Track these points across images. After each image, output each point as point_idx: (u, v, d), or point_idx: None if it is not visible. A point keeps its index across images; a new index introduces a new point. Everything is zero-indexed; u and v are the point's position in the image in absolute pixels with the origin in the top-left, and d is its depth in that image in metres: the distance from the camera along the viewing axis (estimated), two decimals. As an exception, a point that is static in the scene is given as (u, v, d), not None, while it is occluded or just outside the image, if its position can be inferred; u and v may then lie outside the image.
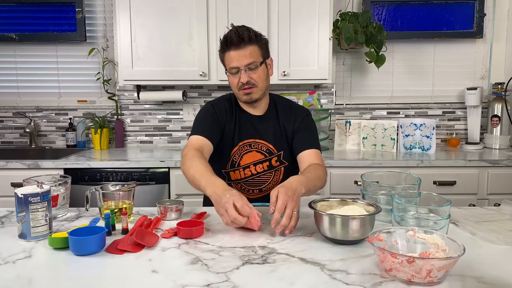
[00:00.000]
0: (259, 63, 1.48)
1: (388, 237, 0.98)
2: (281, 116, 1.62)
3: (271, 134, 1.59)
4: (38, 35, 2.87)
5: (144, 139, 2.98)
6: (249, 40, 1.45)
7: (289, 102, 1.68)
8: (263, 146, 1.58)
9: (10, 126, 2.99)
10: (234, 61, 1.46)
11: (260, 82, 1.50)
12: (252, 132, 1.59)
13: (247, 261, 1.00)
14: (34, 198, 1.12)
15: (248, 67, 1.46)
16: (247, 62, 1.45)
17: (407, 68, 2.93)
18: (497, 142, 2.75)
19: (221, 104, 1.60)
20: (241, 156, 1.58)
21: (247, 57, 1.45)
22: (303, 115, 1.63)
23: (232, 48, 1.45)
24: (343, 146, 2.84)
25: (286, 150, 1.60)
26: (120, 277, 0.92)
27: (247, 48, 1.45)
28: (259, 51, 1.48)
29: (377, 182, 1.37)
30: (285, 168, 1.61)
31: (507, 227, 1.23)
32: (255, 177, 1.60)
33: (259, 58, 1.48)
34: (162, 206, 1.32)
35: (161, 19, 2.51)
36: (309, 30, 2.49)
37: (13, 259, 1.01)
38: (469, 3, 2.82)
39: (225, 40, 1.46)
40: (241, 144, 1.58)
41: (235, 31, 1.44)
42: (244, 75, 1.46)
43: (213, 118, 1.56)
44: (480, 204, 2.26)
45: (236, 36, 1.43)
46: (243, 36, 1.43)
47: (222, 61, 1.53)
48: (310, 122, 1.64)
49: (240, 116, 1.60)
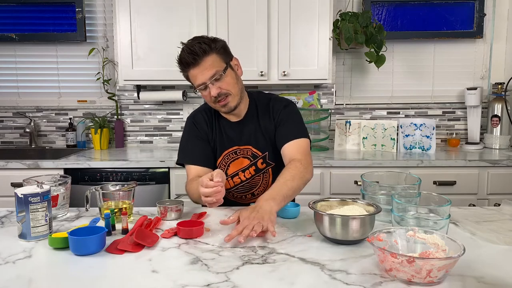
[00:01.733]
0: (223, 70, 1.40)
1: (388, 237, 0.98)
2: (261, 116, 1.56)
3: (253, 138, 1.55)
4: (38, 35, 2.87)
5: (144, 139, 2.98)
6: (203, 52, 1.37)
7: (268, 97, 1.60)
8: (248, 151, 1.55)
9: (10, 126, 2.99)
10: (198, 78, 1.40)
11: (232, 88, 1.44)
12: (234, 139, 1.55)
13: (247, 261, 1.00)
14: (34, 198, 1.12)
15: (214, 78, 1.39)
16: (210, 75, 1.39)
17: (407, 68, 2.93)
18: (497, 142, 2.75)
19: (200, 116, 1.58)
20: (227, 165, 1.56)
21: (208, 69, 1.38)
22: (280, 108, 1.55)
23: (191, 67, 1.39)
24: (343, 146, 2.84)
25: (270, 151, 1.56)
26: (120, 277, 0.92)
27: (204, 60, 1.38)
28: (218, 57, 1.41)
29: (377, 182, 1.37)
30: (273, 169, 1.58)
31: (507, 227, 1.23)
32: (244, 183, 1.58)
33: (221, 65, 1.41)
34: (162, 206, 1.32)
35: (161, 19, 2.51)
36: (309, 30, 2.49)
37: (13, 259, 1.01)
38: (469, 3, 2.82)
39: (180, 61, 1.41)
40: (226, 154, 1.56)
41: (187, 49, 1.38)
42: (212, 88, 1.40)
43: (199, 138, 1.55)
44: (480, 204, 2.25)
45: (189, 55, 1.37)
46: (196, 52, 1.37)
47: (188, 80, 1.47)
48: (289, 112, 1.54)
49: (220, 126, 1.57)
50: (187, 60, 1.39)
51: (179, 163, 1.60)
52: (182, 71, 1.45)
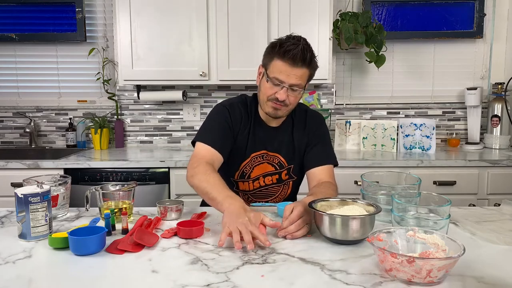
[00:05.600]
0: (303, 87, 1.40)
1: (388, 237, 0.98)
2: (296, 128, 1.55)
3: (284, 148, 1.53)
4: (38, 35, 2.87)
5: (144, 139, 2.98)
6: (308, 63, 1.36)
7: (304, 108, 1.60)
8: (275, 158, 1.53)
9: (10, 126, 2.99)
10: (282, 74, 1.35)
11: (294, 103, 1.43)
12: (265, 144, 1.52)
13: (247, 261, 1.00)
14: (34, 198, 1.12)
15: (292, 88, 1.37)
16: (294, 83, 1.36)
17: (407, 68, 2.93)
18: (497, 142, 2.75)
19: (237, 109, 1.50)
20: (252, 168, 1.53)
21: (297, 78, 1.35)
22: (317, 124, 1.55)
23: (288, 63, 1.34)
24: (343, 146, 2.84)
25: (296, 165, 1.55)
26: (120, 277, 0.92)
27: (301, 69, 1.35)
28: (308, 75, 1.40)
29: (377, 182, 1.37)
30: (294, 182, 1.58)
31: (507, 227, 1.23)
32: (263, 189, 1.56)
33: (305, 82, 1.39)
34: (162, 206, 1.32)
35: (161, 19, 2.51)
36: (309, 30, 2.49)
37: (13, 259, 1.01)
38: (469, 3, 2.82)
39: (287, 52, 1.33)
40: (253, 156, 1.52)
41: (302, 49, 1.33)
42: (284, 93, 1.36)
43: (226, 126, 1.47)
44: (480, 204, 2.25)
45: (297, 54, 1.32)
46: (305, 58, 1.34)
47: (266, 63, 1.41)
48: (324, 132, 1.56)
49: (255, 126, 1.52)
50: (295, 57, 1.33)
51: (196, 141, 1.47)
52: (272, 55, 1.37)
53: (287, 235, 1.14)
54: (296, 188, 1.63)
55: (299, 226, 1.14)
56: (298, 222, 1.13)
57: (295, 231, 1.13)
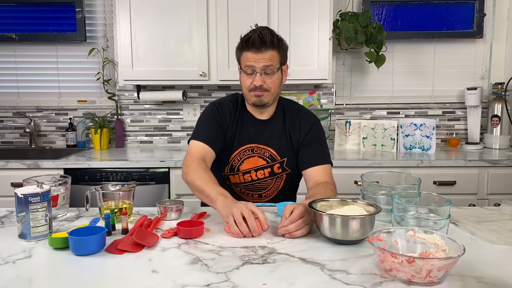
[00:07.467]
0: (276, 69, 1.44)
1: (388, 237, 0.98)
2: (288, 122, 1.56)
3: (276, 140, 1.55)
4: (38, 35, 2.87)
5: (144, 139, 2.98)
6: (271, 44, 1.41)
7: (298, 107, 1.62)
8: (266, 151, 1.54)
9: (10, 126, 2.99)
10: (251, 61, 1.42)
11: (273, 87, 1.46)
12: (254, 137, 1.54)
13: (247, 261, 1.00)
14: (34, 198, 1.12)
15: (265, 70, 1.42)
16: (264, 65, 1.42)
17: (407, 68, 2.93)
18: (497, 142, 2.75)
19: (226, 106, 1.56)
20: (241, 161, 1.55)
21: (266, 60, 1.41)
22: (310, 123, 1.57)
23: (252, 50, 1.41)
24: (343, 146, 2.84)
25: (290, 157, 1.56)
26: (120, 277, 0.92)
27: (267, 52, 1.41)
28: (278, 57, 1.45)
29: (377, 182, 1.37)
30: (287, 175, 1.58)
31: (507, 227, 1.23)
32: (255, 183, 1.57)
33: (276, 64, 1.44)
34: (162, 206, 1.32)
35: (161, 19, 2.51)
36: (309, 30, 2.49)
37: (13, 259, 1.01)
38: (469, 3, 2.82)
39: (247, 40, 1.42)
40: (242, 149, 1.54)
41: (259, 33, 1.40)
42: (258, 78, 1.43)
43: (216, 122, 1.52)
44: (480, 204, 2.25)
45: (258, 39, 1.40)
46: (265, 40, 1.40)
47: (238, 59, 1.49)
48: (318, 131, 1.58)
49: (243, 120, 1.55)
50: (254, 42, 1.40)
51: (190, 140, 1.54)
52: (239, 48, 1.47)
53: (286, 234, 1.14)
54: (290, 182, 1.61)
55: (299, 226, 1.14)
56: (298, 222, 1.14)
57: (294, 230, 1.14)
